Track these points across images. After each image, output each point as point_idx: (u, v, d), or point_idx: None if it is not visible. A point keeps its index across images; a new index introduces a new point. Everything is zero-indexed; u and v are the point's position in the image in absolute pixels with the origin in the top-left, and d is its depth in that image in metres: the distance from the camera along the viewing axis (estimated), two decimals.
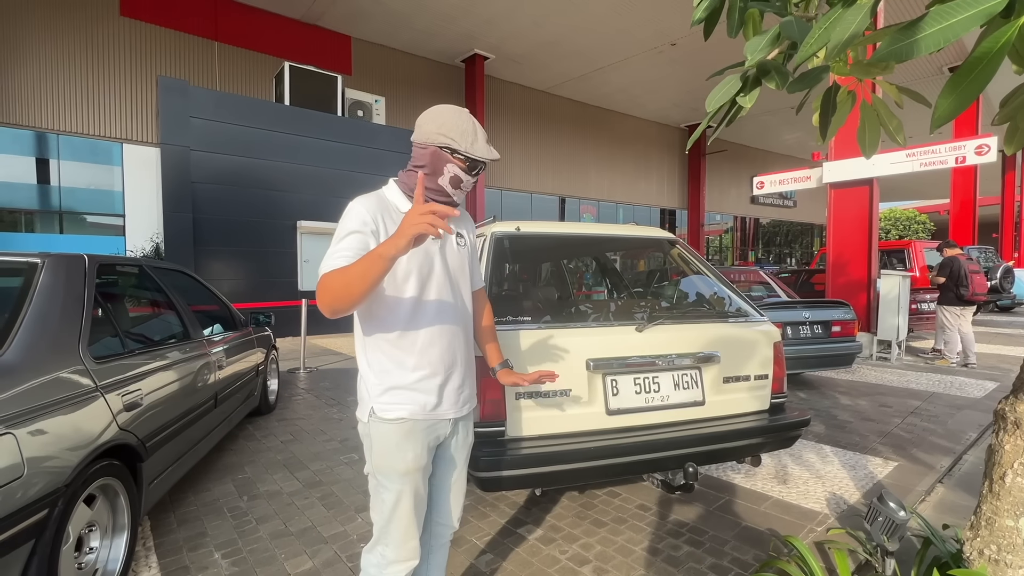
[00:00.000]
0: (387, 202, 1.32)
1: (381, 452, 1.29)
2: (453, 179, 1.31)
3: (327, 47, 12.39)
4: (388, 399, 1.29)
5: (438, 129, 1.28)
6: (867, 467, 3.15)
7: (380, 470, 1.30)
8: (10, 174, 9.53)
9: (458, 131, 1.28)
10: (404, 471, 1.29)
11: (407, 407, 1.30)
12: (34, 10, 9.36)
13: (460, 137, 1.27)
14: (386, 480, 1.30)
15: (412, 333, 1.30)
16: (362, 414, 1.33)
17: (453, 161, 1.30)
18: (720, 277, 2.62)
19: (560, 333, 2.00)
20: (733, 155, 21.52)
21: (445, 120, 1.28)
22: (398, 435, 1.29)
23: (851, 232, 7.23)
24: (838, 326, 5.06)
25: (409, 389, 1.30)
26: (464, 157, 1.29)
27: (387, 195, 1.34)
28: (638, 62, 13.99)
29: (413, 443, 1.31)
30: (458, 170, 1.30)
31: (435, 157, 1.29)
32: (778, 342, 2.33)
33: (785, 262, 26.12)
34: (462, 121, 1.29)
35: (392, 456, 1.29)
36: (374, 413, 1.29)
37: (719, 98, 1.49)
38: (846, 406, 4.58)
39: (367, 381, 1.32)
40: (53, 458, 1.54)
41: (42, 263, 1.93)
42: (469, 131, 1.29)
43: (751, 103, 1.45)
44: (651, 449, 1.94)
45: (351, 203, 1.29)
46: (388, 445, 1.29)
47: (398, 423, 1.29)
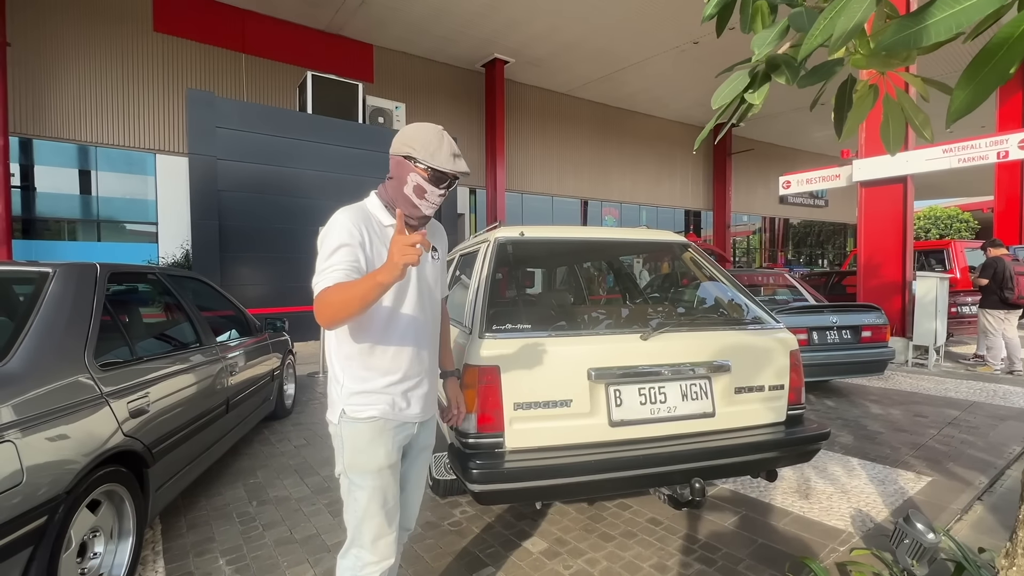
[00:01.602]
0: (369, 213, 1.37)
1: (353, 450, 1.33)
2: (416, 189, 1.35)
3: (349, 56, 12.62)
4: (359, 400, 1.34)
5: (403, 140, 1.35)
6: (897, 482, 2.97)
7: (353, 469, 1.33)
8: (53, 185, 10.02)
9: (420, 142, 1.32)
10: (377, 468, 1.34)
11: (378, 407, 1.35)
12: (73, 29, 9.83)
13: (421, 148, 1.32)
14: (359, 479, 1.33)
15: (386, 340, 1.36)
16: (333, 416, 1.36)
17: (415, 171, 1.34)
18: (734, 283, 2.52)
19: (560, 341, 1.94)
20: (760, 154, 20.96)
21: (413, 133, 1.35)
22: (370, 433, 1.33)
23: (884, 232, 6.92)
24: (868, 331, 4.83)
25: (379, 392, 1.35)
26: (425, 167, 1.33)
27: (368, 207, 1.39)
28: (660, 62, 13.78)
29: (384, 440, 1.35)
30: (420, 179, 1.34)
31: (398, 166, 1.36)
32: (795, 350, 2.22)
33: (817, 264, 25.28)
34: (428, 134, 1.33)
35: (364, 454, 1.33)
36: (345, 414, 1.33)
37: (725, 95, 1.41)
38: (877, 415, 4.36)
39: (339, 384, 1.35)
40: (54, 465, 1.57)
41: (53, 272, 1.98)
42: (433, 143, 1.32)
43: (760, 100, 1.37)
44: (656, 463, 1.86)
45: (335, 214, 1.33)
46: (360, 443, 1.33)
47: (369, 422, 1.33)
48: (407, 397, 1.39)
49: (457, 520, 2.56)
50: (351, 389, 1.33)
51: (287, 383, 4.55)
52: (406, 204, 1.36)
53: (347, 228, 1.28)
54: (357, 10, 11.34)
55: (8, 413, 1.47)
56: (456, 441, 1.90)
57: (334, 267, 1.23)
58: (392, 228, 1.37)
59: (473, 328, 1.97)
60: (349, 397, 1.33)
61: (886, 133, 1.52)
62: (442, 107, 14.07)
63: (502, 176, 14.27)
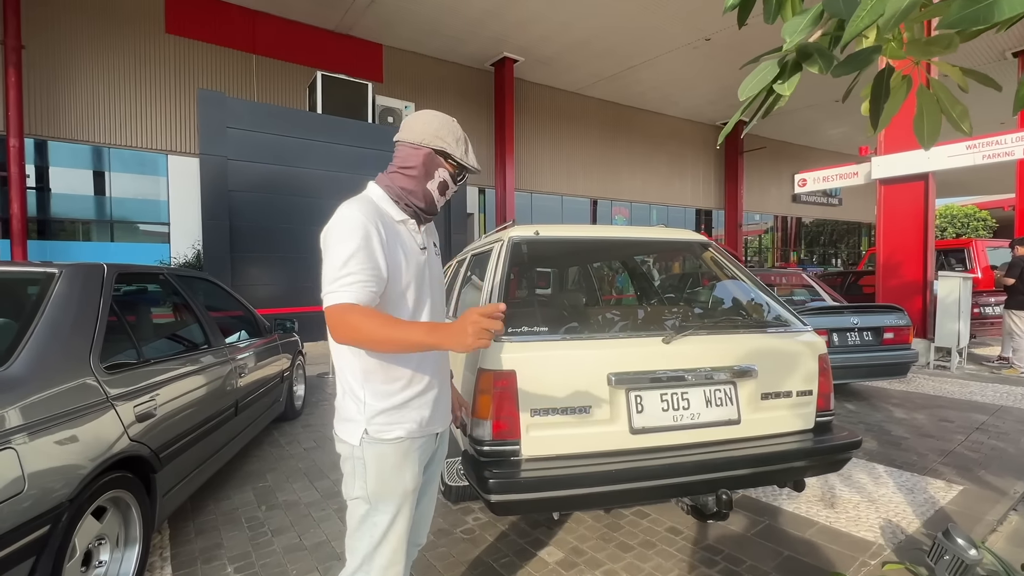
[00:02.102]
0: (379, 209, 1.24)
1: (379, 476, 1.21)
2: (441, 185, 1.29)
3: (359, 56, 12.61)
4: (385, 419, 1.22)
5: (436, 132, 1.26)
6: (927, 491, 2.86)
7: (378, 495, 1.21)
8: (67, 186, 10.11)
9: (454, 137, 1.27)
10: (403, 492, 1.24)
11: (405, 426, 1.23)
12: (87, 32, 9.90)
13: (456, 144, 1.27)
14: (382, 504, 1.22)
15: None
16: (350, 436, 1.22)
17: (445, 166, 1.28)
18: (757, 283, 2.42)
19: (579, 345, 1.86)
20: (773, 152, 20.68)
21: (442, 124, 1.27)
22: (397, 455, 1.23)
23: (904, 231, 6.75)
24: (890, 332, 4.69)
25: (405, 407, 1.24)
26: (456, 164, 1.29)
27: (376, 200, 1.26)
28: (671, 59, 13.61)
29: (411, 462, 1.26)
30: (448, 176, 1.29)
31: (429, 160, 1.27)
32: (823, 354, 2.12)
33: (830, 263, 24.91)
34: (456, 128, 1.29)
35: (391, 479, 1.22)
36: (368, 435, 1.20)
37: (753, 85, 1.32)
38: (901, 420, 4.23)
39: (358, 401, 1.22)
40: (57, 472, 1.52)
41: (59, 273, 1.93)
42: (462, 139, 1.29)
43: (790, 91, 1.28)
44: (680, 472, 1.78)
45: (344, 210, 1.18)
46: (386, 467, 1.22)
47: (396, 443, 1.22)
48: (433, 407, 1.30)
49: (470, 528, 2.49)
50: (375, 407, 1.20)
51: (297, 384, 4.51)
52: (424, 199, 1.28)
53: (363, 227, 1.14)
54: (366, 10, 11.32)
55: (10, 418, 1.42)
56: (471, 448, 1.83)
57: (354, 276, 1.09)
58: (403, 224, 1.27)
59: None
60: (373, 416, 1.20)
61: (920, 126, 1.42)
62: (451, 106, 14.02)
63: (511, 175, 14.19)
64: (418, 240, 1.30)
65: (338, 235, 1.14)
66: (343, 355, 1.23)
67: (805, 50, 1.26)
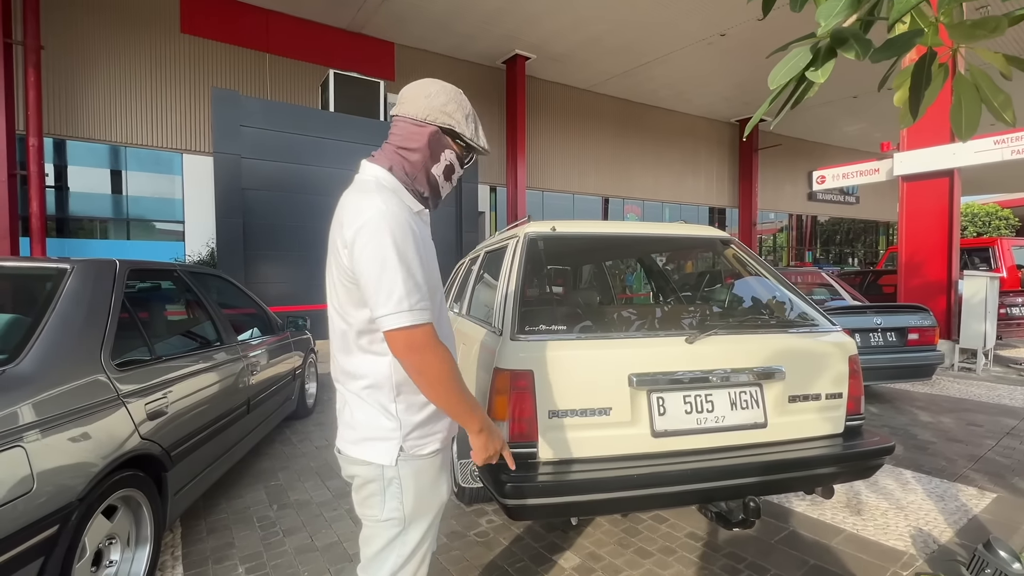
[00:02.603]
0: (403, 204, 1.10)
1: (418, 494, 1.13)
2: (447, 169, 1.14)
3: (371, 54, 12.62)
4: (420, 433, 1.13)
5: (443, 107, 1.09)
6: (958, 498, 2.74)
7: (416, 514, 1.13)
8: (86, 185, 10.25)
9: (463, 113, 1.11)
10: (440, 506, 1.20)
11: (438, 436, 1.17)
12: (104, 32, 10.02)
13: (465, 121, 1.11)
14: (417, 521, 1.14)
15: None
16: (382, 456, 1.09)
17: (453, 147, 1.13)
18: (783, 281, 2.33)
19: (598, 344, 1.79)
20: (788, 149, 20.35)
21: (450, 97, 1.10)
22: (435, 469, 1.17)
23: (927, 229, 6.56)
24: (915, 333, 4.55)
25: (437, 418, 1.16)
26: (465, 144, 1.13)
27: (390, 189, 1.10)
28: (685, 55, 13.44)
29: (446, 474, 1.23)
30: (454, 158, 1.14)
31: (434, 140, 1.11)
32: (854, 355, 2.03)
33: (846, 262, 24.49)
34: (465, 102, 1.12)
35: (430, 494, 1.16)
36: (404, 452, 1.11)
37: (785, 73, 1.24)
38: (927, 424, 4.09)
39: (390, 416, 1.10)
40: (66, 471, 1.49)
41: (71, 269, 1.91)
42: (472, 115, 1.13)
43: (824, 77, 1.20)
44: (704, 478, 1.70)
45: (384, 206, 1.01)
46: (425, 484, 1.15)
47: (432, 457, 1.16)
48: None
49: (484, 530, 2.43)
50: (411, 421, 1.10)
51: (309, 382, 4.49)
52: (429, 185, 1.14)
53: (412, 229, 1.03)
54: (379, 8, 11.32)
55: (19, 416, 1.40)
56: None
57: (423, 291, 1.01)
58: (420, 216, 1.15)
59: (504, 329, 1.84)
60: (410, 432, 1.10)
61: (958, 116, 1.33)
62: None
63: (523, 173, 14.13)
64: (428, 232, 1.19)
65: (394, 238, 0.99)
66: (373, 366, 1.09)
67: (840, 35, 1.18)
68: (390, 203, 1.03)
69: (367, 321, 1.08)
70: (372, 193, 1.05)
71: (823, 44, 1.21)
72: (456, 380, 1.05)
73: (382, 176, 1.12)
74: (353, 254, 1.02)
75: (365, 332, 1.09)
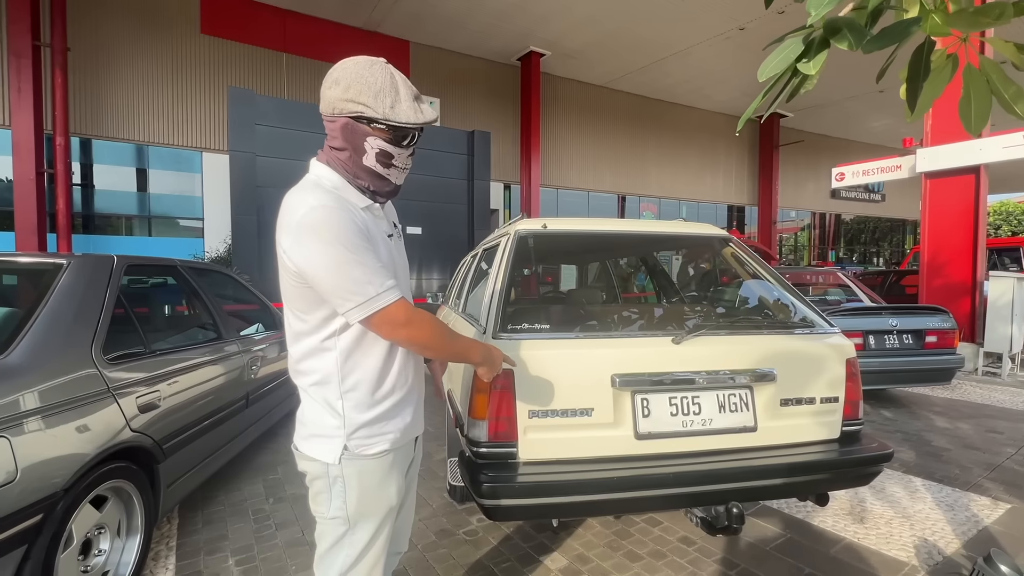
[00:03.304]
0: (342, 199, 1.05)
1: (361, 494, 1.10)
2: (380, 156, 1.05)
3: (386, 52, 12.57)
4: (367, 432, 1.10)
5: (344, 94, 1.00)
6: (969, 508, 2.64)
7: (360, 514, 1.11)
8: (110, 183, 10.55)
9: (370, 92, 0.99)
10: (388, 508, 1.15)
11: (388, 436, 1.13)
12: (128, 34, 10.29)
13: (374, 100, 0.99)
14: (364, 522, 1.12)
15: (391, 349, 1.13)
16: (327, 455, 1.08)
17: (374, 133, 1.02)
18: (782, 282, 2.26)
19: (581, 344, 1.76)
20: (810, 146, 19.86)
21: (353, 79, 0.99)
22: (382, 471, 1.12)
23: (952, 228, 6.33)
24: (933, 336, 4.39)
25: (388, 416, 1.13)
26: (386, 126, 1.02)
27: (334, 189, 1.06)
28: (703, 50, 13.20)
29: (396, 475, 1.16)
30: (383, 143, 1.04)
31: (349, 132, 1.03)
32: (852, 358, 1.95)
33: (871, 262, 23.82)
34: (376, 77, 0.99)
35: (376, 495, 1.12)
36: (348, 451, 1.08)
37: (775, 65, 1.20)
38: (943, 430, 3.94)
39: (336, 414, 1.08)
40: (51, 461, 1.53)
41: (66, 264, 1.96)
42: (387, 89, 1.00)
43: (815, 69, 1.16)
44: (687, 481, 1.66)
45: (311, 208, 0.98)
46: (370, 485, 1.11)
47: (380, 457, 1.12)
48: (414, 411, 1.20)
49: (473, 529, 2.43)
50: (356, 420, 1.08)
51: None
52: (371, 178, 1.07)
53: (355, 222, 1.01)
54: (393, 7, 11.38)
55: (3, 408, 1.43)
56: (467, 449, 1.76)
57: (387, 275, 1.01)
58: (368, 211, 1.10)
59: (487, 328, 1.82)
60: (355, 430, 1.08)
61: (967, 110, 1.26)
62: (477, 102, 13.99)
63: (537, 171, 14.07)
64: (384, 227, 1.16)
65: (332, 233, 0.97)
66: (319, 361, 1.08)
67: (834, 25, 1.13)
68: (322, 200, 1.00)
69: (322, 319, 1.07)
70: (305, 192, 1.02)
71: (816, 35, 1.17)
72: (445, 336, 1.13)
73: (324, 175, 1.08)
74: (295, 257, 1.00)
75: (315, 330, 1.08)
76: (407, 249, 1.32)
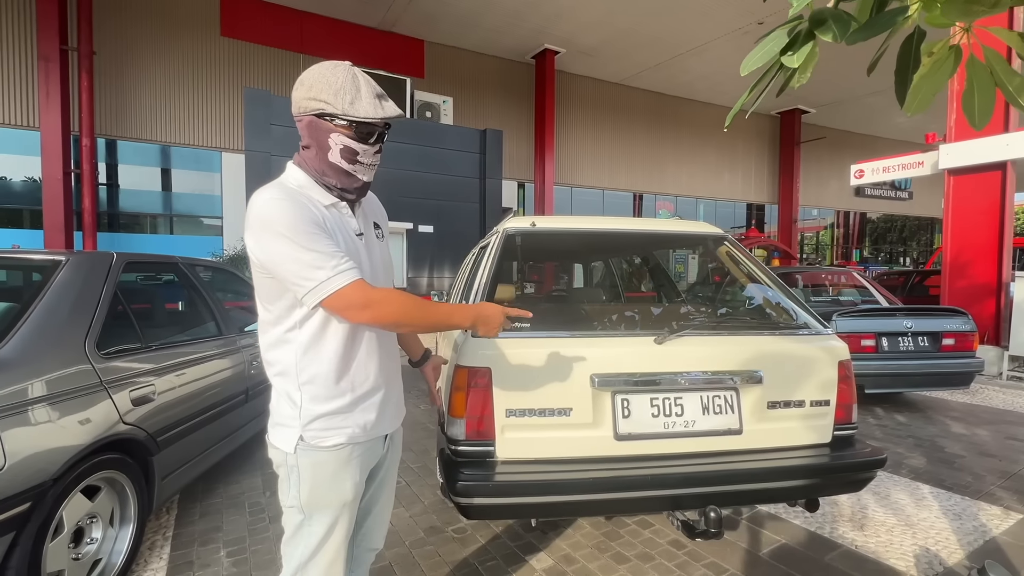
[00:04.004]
0: (306, 196, 1.09)
1: (316, 485, 1.12)
2: (345, 152, 1.08)
3: (401, 52, 12.80)
4: (323, 424, 1.11)
5: (307, 93, 1.06)
6: (978, 517, 2.54)
7: (313, 505, 1.12)
8: (134, 182, 10.88)
9: (331, 90, 1.04)
10: (342, 503, 1.14)
11: (346, 431, 1.13)
12: (151, 37, 10.58)
13: (334, 97, 1.04)
14: (318, 514, 1.13)
15: (355, 346, 1.14)
16: (283, 442, 1.12)
17: (336, 130, 1.07)
18: (777, 282, 2.21)
19: (560, 343, 1.74)
20: (833, 143, 19.34)
21: (316, 79, 1.06)
22: (336, 464, 1.12)
23: (976, 227, 6.10)
24: (950, 338, 4.24)
25: (348, 410, 1.14)
26: (348, 122, 1.06)
27: (300, 186, 1.11)
28: (721, 46, 12.97)
29: (352, 471, 1.15)
30: (347, 139, 1.08)
31: (313, 129, 1.08)
32: (845, 360, 1.90)
33: (898, 262, 23.13)
34: (336, 77, 1.05)
35: (329, 488, 1.12)
36: (303, 441, 1.10)
37: (758, 58, 1.17)
38: (959, 436, 3.81)
39: (293, 404, 1.11)
40: (40, 452, 1.58)
41: (65, 261, 2.02)
42: (347, 87, 1.05)
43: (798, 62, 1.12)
44: (666, 484, 1.63)
45: (264, 201, 1.03)
46: (323, 476, 1.12)
47: (335, 451, 1.12)
48: (380, 409, 1.19)
49: (462, 527, 2.43)
50: (312, 412, 1.10)
51: None
52: (338, 175, 1.11)
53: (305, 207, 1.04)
54: (408, 6, 11.45)
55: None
56: (446, 447, 1.76)
57: (341, 257, 1.02)
58: (334, 208, 1.14)
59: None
60: (310, 422, 1.10)
61: (970, 103, 1.20)
62: (491, 100, 14.00)
63: (551, 169, 14.02)
64: (352, 225, 1.17)
65: (283, 222, 1.01)
66: (281, 353, 1.12)
67: (819, 16, 1.09)
68: (275, 194, 1.04)
69: (284, 309, 1.10)
70: (263, 190, 1.07)
71: (802, 27, 1.13)
72: (418, 308, 1.10)
73: (291, 175, 1.13)
74: (254, 250, 1.05)
75: (278, 320, 1.12)
76: (418, 248, 1.35)
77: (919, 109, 1.21)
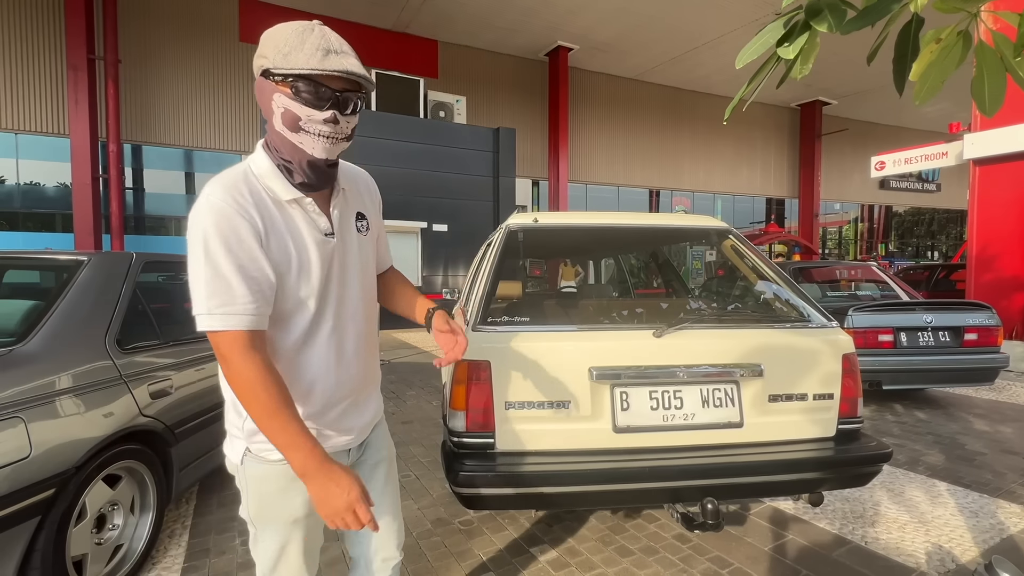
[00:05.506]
0: (256, 187, 0.95)
1: (262, 499, 1.03)
2: (287, 118, 0.90)
3: (415, 53, 12.92)
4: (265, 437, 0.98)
5: (259, 55, 0.92)
6: (996, 515, 2.48)
7: (260, 519, 1.04)
8: (159, 186, 11.22)
9: (273, 44, 0.89)
10: (291, 520, 1.04)
11: None
12: (173, 45, 10.88)
13: (273, 50, 0.88)
14: (267, 530, 1.05)
15: (307, 360, 1.01)
16: (232, 453, 1.04)
17: (277, 89, 0.89)
18: (782, 275, 2.19)
19: (558, 337, 1.77)
20: (856, 134, 18.87)
21: (267, 38, 0.91)
22: (284, 479, 1.00)
23: (1003, 219, 5.90)
24: (973, 333, 4.12)
25: None
26: (283, 76, 0.88)
27: (255, 174, 0.96)
28: (737, 38, 12.77)
29: (302, 486, 0.97)
30: (288, 100, 0.89)
31: (260, 93, 0.93)
32: (849, 353, 1.87)
33: (926, 257, 22.47)
34: (286, 31, 0.90)
35: (274, 504, 1.03)
36: (250, 452, 1.01)
37: (754, 50, 1.18)
38: (980, 433, 3.71)
39: (239, 415, 1.01)
40: (64, 442, 1.66)
41: (87, 261, 2.12)
42: (291, 41, 0.88)
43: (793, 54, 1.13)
44: (665, 476, 1.65)
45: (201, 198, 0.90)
46: (271, 491, 1.02)
47: (283, 465, 0.97)
48: (338, 422, 1.07)
49: (469, 519, 2.47)
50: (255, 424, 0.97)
51: None
52: (287, 148, 0.94)
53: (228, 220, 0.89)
54: (422, 7, 11.55)
55: (20, 391, 1.57)
56: (448, 439, 1.80)
57: (236, 297, 0.88)
58: (296, 205, 0.97)
59: (470, 320, 1.86)
60: (255, 433, 0.98)
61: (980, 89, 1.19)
62: (505, 99, 14.04)
63: (565, 167, 14.00)
64: (321, 224, 1.01)
65: (206, 234, 0.88)
66: None
67: (815, 7, 1.10)
68: (211, 195, 0.91)
69: None
70: (214, 180, 0.94)
71: (798, 18, 1.14)
72: (264, 403, 0.88)
73: (255, 160, 0.98)
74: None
75: None
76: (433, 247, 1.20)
77: (928, 96, 1.20)
